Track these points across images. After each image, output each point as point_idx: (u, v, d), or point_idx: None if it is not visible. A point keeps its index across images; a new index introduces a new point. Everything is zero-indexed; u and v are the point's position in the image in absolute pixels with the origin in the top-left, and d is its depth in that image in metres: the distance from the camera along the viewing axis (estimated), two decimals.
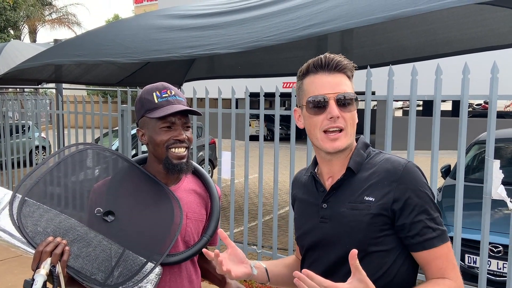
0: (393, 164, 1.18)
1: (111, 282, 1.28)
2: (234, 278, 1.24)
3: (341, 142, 1.18)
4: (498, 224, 3.62)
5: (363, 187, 1.18)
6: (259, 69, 7.47)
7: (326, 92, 1.17)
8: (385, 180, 1.16)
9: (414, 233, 1.13)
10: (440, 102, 3.17)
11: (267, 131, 19.36)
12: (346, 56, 1.23)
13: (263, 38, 3.35)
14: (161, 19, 4.59)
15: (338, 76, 1.19)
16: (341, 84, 1.18)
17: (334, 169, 1.25)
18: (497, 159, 2.99)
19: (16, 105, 6.89)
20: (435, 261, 1.13)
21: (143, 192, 1.44)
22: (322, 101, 1.17)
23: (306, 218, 1.30)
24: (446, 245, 1.14)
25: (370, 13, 2.92)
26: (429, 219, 1.14)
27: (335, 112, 1.16)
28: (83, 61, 4.57)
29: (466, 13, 4.71)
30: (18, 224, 1.26)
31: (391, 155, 1.23)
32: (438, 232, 1.14)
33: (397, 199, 1.13)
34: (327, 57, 1.19)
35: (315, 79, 1.20)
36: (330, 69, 1.19)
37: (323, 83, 1.18)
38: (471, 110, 22.85)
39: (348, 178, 1.22)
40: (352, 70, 1.22)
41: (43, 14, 25.56)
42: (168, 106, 1.40)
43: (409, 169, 1.16)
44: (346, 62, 1.20)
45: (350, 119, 1.19)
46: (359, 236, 1.16)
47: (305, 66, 1.24)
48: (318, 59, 1.20)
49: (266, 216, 6.70)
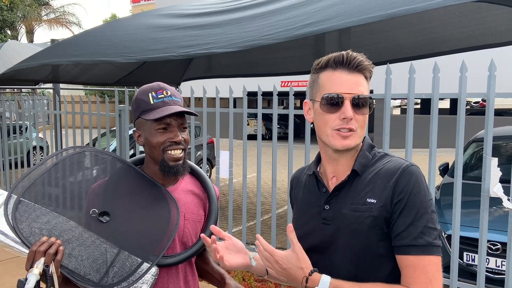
0: (394, 166, 1.15)
1: (105, 282, 1.27)
2: (228, 267, 1.23)
3: (350, 141, 1.15)
4: (497, 221, 3.63)
5: (366, 189, 1.16)
6: (257, 68, 7.46)
7: (343, 91, 1.14)
8: (385, 182, 1.14)
9: (395, 234, 1.11)
10: (438, 100, 3.17)
11: (265, 130, 19.35)
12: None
13: (261, 37, 3.34)
14: (158, 19, 4.58)
15: (357, 76, 1.15)
16: (358, 85, 1.15)
17: (339, 168, 1.22)
18: (495, 157, 3.00)
19: (14, 106, 6.87)
20: (406, 269, 1.09)
21: (140, 193, 1.43)
22: (337, 100, 1.14)
23: (306, 219, 1.27)
24: (427, 258, 1.07)
25: (367, 11, 2.92)
26: (413, 225, 1.09)
27: (350, 114, 1.13)
28: (80, 61, 4.55)
29: (463, 11, 4.71)
30: (13, 224, 1.26)
31: (396, 157, 1.20)
32: (420, 242, 1.07)
33: (392, 199, 1.11)
34: (350, 55, 1.15)
35: (333, 75, 1.16)
36: (351, 68, 1.15)
37: (342, 81, 1.15)
38: (469, 108, 22.91)
39: (352, 179, 1.19)
40: (371, 72, 1.18)
41: (40, 14, 25.49)
42: (164, 108, 1.38)
43: (409, 171, 1.13)
44: (367, 63, 1.16)
45: (362, 121, 1.17)
46: (361, 239, 1.13)
47: (325, 59, 1.19)
48: (340, 56, 1.16)
49: (264, 215, 6.70)
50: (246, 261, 1.28)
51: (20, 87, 11.39)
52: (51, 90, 7.40)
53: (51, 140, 6.33)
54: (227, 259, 1.24)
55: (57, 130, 6.21)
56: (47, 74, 6.21)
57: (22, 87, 11.33)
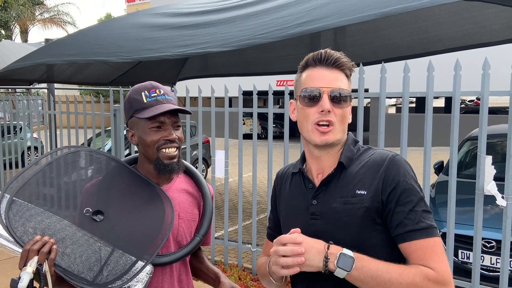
0: (381, 157, 1.19)
1: (99, 280, 1.27)
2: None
3: (329, 136, 1.19)
4: (491, 219, 3.65)
5: (354, 181, 1.18)
6: (252, 67, 7.45)
7: (321, 85, 1.19)
8: (374, 172, 1.17)
9: (396, 223, 1.12)
10: (433, 98, 3.18)
11: (261, 129, 19.36)
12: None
13: (256, 36, 3.34)
14: (153, 18, 4.57)
15: (335, 72, 1.20)
16: (337, 80, 1.20)
17: (324, 165, 1.25)
18: (489, 155, 3.01)
19: (8, 106, 6.83)
20: (416, 253, 1.10)
21: (134, 192, 1.42)
22: (316, 94, 1.19)
23: (294, 216, 1.28)
24: (432, 239, 1.10)
25: (362, 10, 2.92)
26: (413, 211, 1.12)
27: (327, 106, 1.17)
28: (74, 60, 4.53)
29: (457, 10, 4.74)
30: (6, 223, 1.25)
31: (379, 149, 1.24)
32: (422, 225, 1.11)
33: (384, 189, 1.14)
34: (327, 52, 1.21)
35: (313, 72, 1.22)
36: (329, 64, 1.20)
37: (320, 77, 1.20)
38: (464, 107, 23.00)
39: (339, 172, 1.22)
40: (351, 69, 1.23)
41: (33, 14, 25.36)
42: (157, 106, 1.38)
43: (396, 160, 1.17)
44: (345, 59, 1.21)
45: (341, 115, 1.20)
46: (353, 231, 1.15)
47: (305, 59, 1.25)
48: (318, 53, 1.22)
49: (260, 215, 6.69)
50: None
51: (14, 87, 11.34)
52: (46, 90, 7.36)
53: (46, 140, 6.30)
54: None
55: (51, 130, 6.19)
56: (41, 74, 6.17)
57: (17, 87, 11.28)
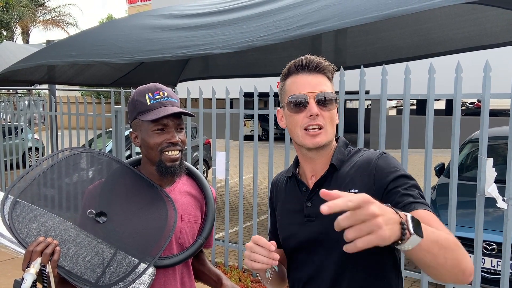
0: (370, 155, 1.22)
1: (102, 282, 1.27)
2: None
3: (320, 139, 1.21)
4: (492, 222, 3.65)
5: (345, 181, 1.20)
6: (253, 69, 7.46)
7: (307, 91, 1.21)
8: (364, 171, 1.19)
9: (397, 200, 1.11)
10: (434, 101, 3.18)
11: (262, 130, 19.34)
12: (339, 56, 1.24)
13: (257, 38, 3.35)
14: (155, 19, 4.58)
15: (318, 76, 1.23)
16: (321, 84, 1.22)
17: (317, 167, 1.27)
18: (490, 157, 3.01)
19: (9, 107, 6.84)
20: (422, 220, 1.05)
21: (136, 194, 1.43)
22: (302, 100, 1.21)
23: (290, 220, 1.29)
24: (432, 214, 1.09)
25: (363, 12, 2.93)
26: (412, 190, 1.12)
27: (315, 110, 1.19)
28: (76, 61, 4.54)
29: (459, 13, 4.74)
30: (9, 225, 1.25)
31: (369, 150, 1.27)
32: (423, 201, 1.11)
33: (377, 181, 1.15)
34: (308, 58, 1.23)
35: (296, 79, 1.24)
36: (311, 69, 1.22)
37: (304, 83, 1.22)
38: (465, 109, 23.00)
39: (330, 174, 1.24)
40: (332, 72, 1.26)
41: (35, 15, 25.40)
42: (161, 108, 1.38)
43: (385, 156, 1.21)
44: (326, 63, 1.24)
45: (329, 117, 1.22)
46: None
47: (287, 67, 1.27)
48: (299, 60, 1.24)
49: (261, 216, 6.69)
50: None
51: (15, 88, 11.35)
52: (47, 91, 7.37)
53: (47, 141, 6.30)
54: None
55: (53, 131, 6.19)
56: (42, 75, 6.18)
57: (18, 88, 11.30)
